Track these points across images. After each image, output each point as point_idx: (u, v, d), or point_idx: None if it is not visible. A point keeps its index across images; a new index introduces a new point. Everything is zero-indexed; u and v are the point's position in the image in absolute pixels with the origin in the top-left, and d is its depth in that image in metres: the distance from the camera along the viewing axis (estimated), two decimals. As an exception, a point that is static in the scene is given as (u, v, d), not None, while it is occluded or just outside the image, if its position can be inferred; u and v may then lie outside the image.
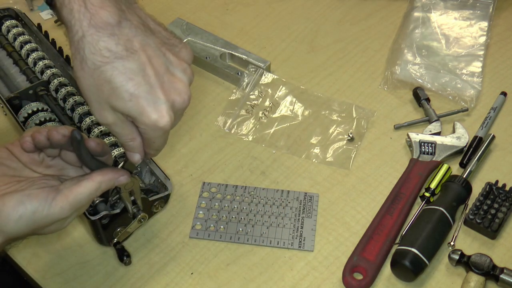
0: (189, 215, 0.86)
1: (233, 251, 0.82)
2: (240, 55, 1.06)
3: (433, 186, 0.86)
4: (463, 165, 0.90)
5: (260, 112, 0.99)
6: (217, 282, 0.79)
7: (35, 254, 0.82)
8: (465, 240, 0.82)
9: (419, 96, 0.99)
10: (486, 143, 0.90)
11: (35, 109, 0.89)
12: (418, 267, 0.76)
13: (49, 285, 0.79)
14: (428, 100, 0.98)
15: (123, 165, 0.69)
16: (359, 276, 0.78)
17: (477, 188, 0.86)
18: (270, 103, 1.00)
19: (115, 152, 0.84)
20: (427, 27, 1.10)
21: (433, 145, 0.91)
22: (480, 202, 0.83)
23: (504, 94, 1.00)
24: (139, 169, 0.85)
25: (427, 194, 0.85)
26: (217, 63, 1.05)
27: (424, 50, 1.06)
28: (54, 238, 0.83)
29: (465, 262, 0.77)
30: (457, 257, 0.77)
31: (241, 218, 0.85)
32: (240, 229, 0.84)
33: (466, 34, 1.09)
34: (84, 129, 0.88)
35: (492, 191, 0.84)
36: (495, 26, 1.12)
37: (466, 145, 0.92)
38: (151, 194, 0.82)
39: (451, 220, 0.81)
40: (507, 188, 0.85)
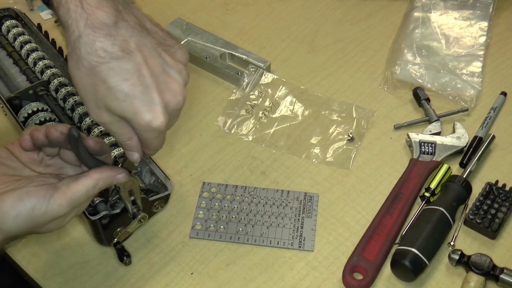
0: (189, 215, 0.86)
1: (233, 251, 0.82)
2: (240, 55, 1.06)
3: (433, 186, 0.86)
4: (463, 165, 0.90)
5: (260, 112, 0.99)
6: (217, 282, 0.79)
7: (35, 254, 0.82)
8: (465, 240, 0.82)
9: (419, 96, 0.99)
10: (486, 143, 0.90)
11: (35, 109, 0.89)
12: (418, 267, 0.76)
13: (49, 285, 0.79)
14: (428, 100, 0.98)
15: (122, 164, 0.69)
16: (359, 276, 0.78)
17: (477, 188, 0.86)
18: (270, 103, 1.00)
19: (115, 152, 0.84)
20: (427, 27, 1.10)
21: (433, 145, 0.91)
22: (480, 202, 0.83)
23: (504, 94, 1.00)
24: (139, 169, 0.85)
25: (427, 194, 0.85)
26: (217, 63, 1.05)
27: (424, 50, 1.06)
28: (54, 238, 0.83)
29: (465, 262, 0.77)
30: (457, 257, 0.77)
31: (241, 218, 0.85)
32: (240, 229, 0.84)
33: (466, 34, 1.09)
34: (84, 129, 0.88)
35: (492, 191, 0.84)
36: (495, 26, 1.12)
37: (466, 145, 0.92)
38: (151, 194, 0.82)
39: (451, 220, 0.81)
40: (507, 188, 0.85)
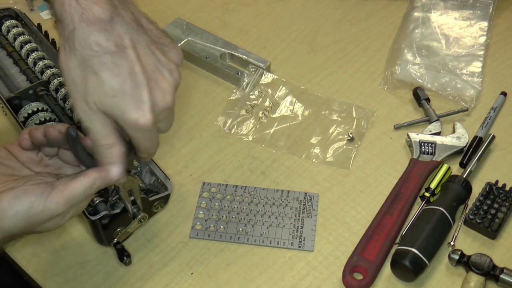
0: (189, 215, 0.86)
1: (233, 251, 0.82)
2: (240, 55, 1.06)
3: (433, 186, 0.85)
4: (463, 165, 0.90)
5: (260, 112, 0.99)
6: (217, 282, 0.79)
7: (35, 254, 0.82)
8: (465, 240, 0.82)
9: (419, 96, 0.99)
10: (486, 143, 0.90)
11: (35, 109, 0.89)
12: (418, 267, 0.76)
13: (49, 285, 0.79)
14: (428, 100, 0.98)
15: None
16: (359, 276, 0.78)
17: (477, 188, 0.86)
18: (270, 103, 1.00)
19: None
20: (427, 27, 1.10)
21: (433, 145, 0.91)
22: (480, 202, 0.83)
23: (504, 94, 1.00)
24: (139, 169, 0.85)
25: (427, 194, 0.85)
26: (217, 63, 1.05)
27: (424, 50, 1.06)
28: (54, 238, 0.83)
29: (465, 262, 0.77)
30: (457, 257, 0.77)
31: (241, 218, 0.85)
32: (240, 229, 0.84)
33: (466, 34, 1.09)
34: (83, 129, 0.88)
35: (492, 191, 0.84)
36: (495, 26, 1.12)
37: (466, 145, 0.91)
38: (151, 194, 0.82)
39: (451, 220, 0.81)
40: (507, 188, 0.85)
